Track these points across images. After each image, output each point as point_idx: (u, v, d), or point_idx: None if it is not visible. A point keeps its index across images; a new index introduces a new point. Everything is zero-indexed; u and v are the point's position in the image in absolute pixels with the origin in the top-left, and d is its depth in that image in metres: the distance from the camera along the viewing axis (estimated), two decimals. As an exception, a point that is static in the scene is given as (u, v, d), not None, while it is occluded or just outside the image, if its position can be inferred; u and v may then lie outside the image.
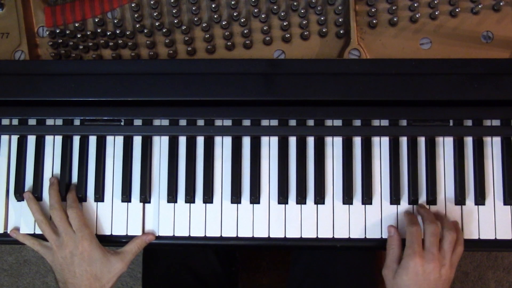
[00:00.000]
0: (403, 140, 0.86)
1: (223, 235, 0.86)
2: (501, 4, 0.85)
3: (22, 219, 0.88)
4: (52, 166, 0.89)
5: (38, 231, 0.87)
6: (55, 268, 0.84)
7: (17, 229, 0.88)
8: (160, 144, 0.88)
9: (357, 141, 0.87)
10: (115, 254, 0.84)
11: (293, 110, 0.84)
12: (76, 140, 0.89)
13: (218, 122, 0.87)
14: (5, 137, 0.89)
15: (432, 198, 0.84)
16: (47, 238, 0.84)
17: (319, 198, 0.85)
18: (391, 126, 0.85)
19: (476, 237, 0.84)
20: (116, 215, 0.87)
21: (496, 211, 0.85)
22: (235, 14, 0.87)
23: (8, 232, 0.88)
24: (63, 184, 0.88)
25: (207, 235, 0.86)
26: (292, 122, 0.86)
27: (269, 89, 0.81)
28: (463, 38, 0.86)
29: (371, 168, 0.85)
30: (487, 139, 0.86)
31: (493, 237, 0.84)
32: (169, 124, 0.87)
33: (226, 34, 0.86)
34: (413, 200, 0.85)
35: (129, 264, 0.85)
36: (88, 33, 0.88)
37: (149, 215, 0.87)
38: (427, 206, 0.85)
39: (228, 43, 0.87)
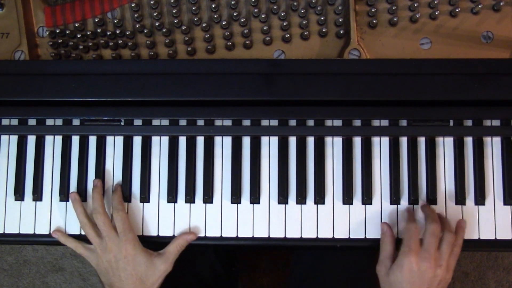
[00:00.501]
0: (403, 140, 0.86)
1: (223, 235, 0.86)
2: (501, 4, 0.85)
3: (22, 220, 0.88)
4: (52, 166, 0.89)
5: (38, 231, 0.87)
6: (99, 272, 0.84)
7: (60, 230, 0.87)
8: (160, 144, 0.88)
9: (357, 141, 0.87)
10: (159, 255, 0.83)
11: (293, 110, 0.84)
12: (76, 140, 0.89)
13: (218, 122, 0.87)
14: (5, 137, 0.89)
15: (432, 198, 0.84)
16: (91, 241, 0.83)
17: (319, 198, 0.85)
18: (391, 126, 0.85)
19: (476, 237, 0.84)
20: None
21: (496, 211, 0.85)
22: (235, 14, 0.87)
23: (51, 232, 0.87)
24: (63, 184, 0.88)
25: (207, 235, 0.86)
26: (292, 122, 0.86)
27: (269, 89, 0.81)
28: (463, 38, 0.86)
29: (371, 168, 0.86)
30: (487, 139, 0.86)
31: (493, 237, 0.84)
32: (169, 124, 0.87)
33: (226, 34, 0.86)
34: (413, 200, 0.85)
35: (173, 264, 0.84)
36: (88, 33, 0.88)
37: (149, 215, 0.87)
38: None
39: (228, 43, 0.87)
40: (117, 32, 0.88)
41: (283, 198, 0.85)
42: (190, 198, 0.86)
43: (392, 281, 0.78)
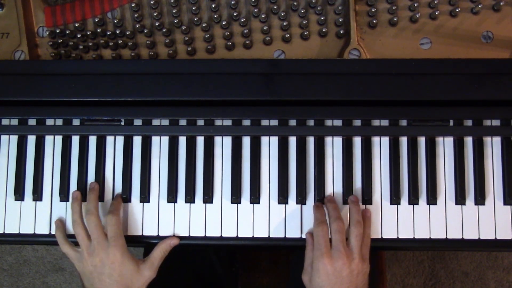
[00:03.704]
0: (403, 140, 0.86)
1: (223, 235, 0.86)
2: (501, 4, 0.85)
3: (22, 220, 0.88)
4: (52, 166, 0.89)
5: (38, 231, 0.87)
6: (83, 275, 0.82)
7: (63, 221, 0.87)
8: (160, 144, 0.88)
9: (357, 141, 0.87)
10: (144, 262, 0.83)
11: (293, 110, 0.84)
12: (76, 140, 0.89)
13: (218, 122, 0.87)
14: (5, 137, 0.89)
15: (432, 198, 0.84)
16: (79, 242, 0.82)
17: (319, 198, 0.85)
18: (391, 126, 0.85)
19: (476, 237, 0.84)
20: (116, 215, 0.87)
21: (496, 211, 0.85)
22: (235, 14, 0.87)
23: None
24: (63, 184, 0.88)
25: (207, 235, 0.86)
26: (292, 122, 0.86)
27: (269, 89, 0.81)
28: (463, 38, 0.86)
29: (371, 168, 0.86)
30: (487, 139, 0.86)
31: (493, 237, 0.84)
32: (169, 124, 0.87)
33: (226, 34, 0.86)
34: (413, 200, 0.85)
35: (157, 270, 0.84)
36: (88, 33, 0.88)
37: (149, 215, 0.87)
38: (428, 206, 0.85)
39: (228, 43, 0.87)
40: (117, 32, 0.88)
41: (283, 198, 0.85)
42: (190, 198, 0.86)
43: (315, 287, 0.78)
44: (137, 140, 0.88)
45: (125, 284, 0.80)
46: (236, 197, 0.86)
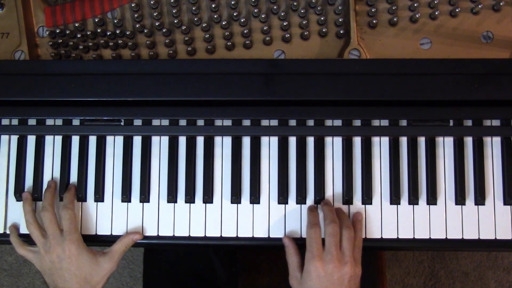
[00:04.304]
0: (403, 140, 0.86)
1: (223, 235, 0.86)
2: (501, 4, 0.85)
3: (22, 220, 0.88)
4: (52, 166, 0.89)
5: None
6: (44, 273, 0.83)
7: (17, 227, 0.88)
8: (160, 144, 0.88)
9: (357, 141, 0.87)
10: (103, 254, 0.83)
11: (293, 110, 0.84)
12: (76, 140, 0.89)
13: (218, 122, 0.87)
14: (5, 137, 0.90)
15: (432, 198, 0.84)
16: (35, 240, 0.83)
17: (319, 198, 0.85)
18: (391, 126, 0.85)
19: (476, 237, 0.84)
20: (116, 215, 0.87)
21: (496, 211, 0.85)
22: (235, 14, 0.87)
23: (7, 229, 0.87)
24: (63, 184, 0.88)
25: (207, 235, 0.86)
26: (292, 122, 0.86)
27: (269, 89, 0.81)
28: (463, 38, 0.86)
29: (371, 168, 0.86)
30: (487, 139, 0.86)
31: (493, 237, 0.84)
32: (169, 124, 0.87)
33: (226, 34, 0.86)
34: (413, 200, 0.85)
35: (118, 263, 0.85)
36: (88, 33, 0.88)
37: (149, 215, 0.87)
38: (428, 206, 0.85)
39: (228, 43, 0.87)
40: (117, 32, 0.88)
41: (283, 198, 0.85)
42: (190, 198, 0.86)
43: None
44: (137, 140, 0.88)
45: (84, 277, 0.81)
46: (236, 197, 0.86)
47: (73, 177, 0.88)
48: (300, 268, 0.80)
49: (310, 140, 0.87)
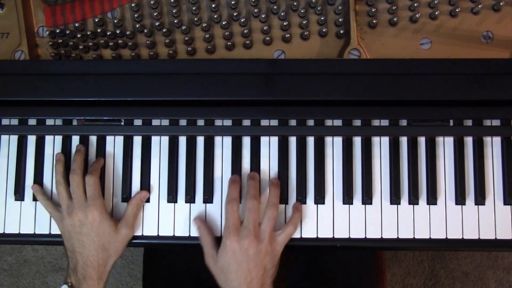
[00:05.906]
0: (403, 140, 0.86)
1: (223, 235, 0.86)
2: (501, 4, 0.85)
3: (26, 220, 0.88)
4: (52, 166, 0.89)
5: (38, 231, 0.87)
6: (64, 236, 0.84)
7: (40, 186, 0.87)
8: (160, 144, 0.88)
9: (357, 141, 0.87)
10: (121, 222, 0.84)
11: (293, 110, 0.84)
12: (76, 140, 0.89)
13: (218, 122, 0.87)
14: (5, 137, 0.90)
15: (432, 198, 0.84)
16: (60, 201, 0.84)
17: (319, 198, 0.85)
18: (391, 126, 0.86)
19: (476, 237, 0.84)
20: (117, 215, 0.87)
21: (496, 211, 0.85)
22: (235, 14, 0.87)
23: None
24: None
25: (207, 235, 0.86)
26: (292, 122, 0.86)
27: (269, 89, 0.81)
28: (463, 38, 0.86)
29: (371, 168, 0.86)
30: (487, 139, 0.86)
31: (493, 237, 0.84)
32: (169, 124, 0.87)
33: (226, 34, 0.86)
34: (413, 200, 0.85)
35: (134, 228, 0.85)
36: (88, 33, 0.88)
37: (149, 214, 0.87)
38: (428, 206, 0.85)
39: (228, 43, 0.87)
40: (117, 32, 0.88)
41: (283, 198, 0.85)
42: (190, 198, 0.86)
43: (221, 266, 0.79)
44: (137, 140, 0.88)
45: (103, 244, 0.81)
46: (236, 197, 0.86)
47: (73, 177, 0.88)
48: (215, 246, 0.81)
49: (310, 140, 0.87)
